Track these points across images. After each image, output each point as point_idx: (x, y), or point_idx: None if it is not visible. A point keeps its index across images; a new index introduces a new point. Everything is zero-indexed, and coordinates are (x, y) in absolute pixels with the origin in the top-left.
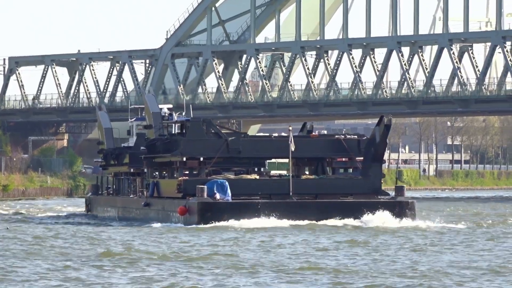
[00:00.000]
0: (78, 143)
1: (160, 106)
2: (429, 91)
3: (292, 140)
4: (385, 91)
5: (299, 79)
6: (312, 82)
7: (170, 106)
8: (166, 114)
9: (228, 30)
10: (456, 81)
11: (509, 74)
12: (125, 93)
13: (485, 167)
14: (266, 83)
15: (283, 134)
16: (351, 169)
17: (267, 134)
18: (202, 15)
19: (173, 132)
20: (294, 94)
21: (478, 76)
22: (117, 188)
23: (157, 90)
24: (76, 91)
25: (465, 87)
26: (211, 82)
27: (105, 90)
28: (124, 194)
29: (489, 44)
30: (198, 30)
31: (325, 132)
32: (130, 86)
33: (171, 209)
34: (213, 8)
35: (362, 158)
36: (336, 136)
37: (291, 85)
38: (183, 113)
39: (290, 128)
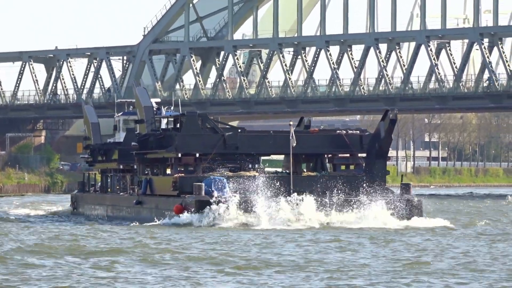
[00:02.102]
0: (55, 140)
1: None
2: (407, 88)
3: (293, 135)
4: (363, 88)
5: (276, 75)
6: (290, 78)
7: (158, 100)
8: (154, 109)
9: (206, 26)
10: (433, 78)
11: (486, 71)
12: (103, 89)
13: (462, 164)
14: (244, 80)
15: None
16: (352, 166)
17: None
18: (179, 12)
19: (162, 127)
20: (271, 90)
21: (456, 73)
22: (105, 186)
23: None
24: (53, 87)
25: (442, 84)
26: (189, 79)
27: (82, 87)
28: (113, 191)
29: (466, 41)
30: (175, 26)
31: None
32: (107, 82)
33: (165, 208)
34: (190, 5)
35: (364, 154)
36: (338, 131)
37: (268, 81)
38: (172, 108)
39: (291, 123)
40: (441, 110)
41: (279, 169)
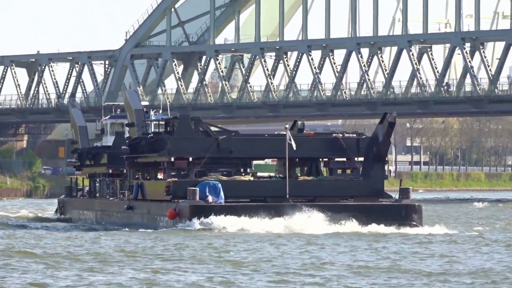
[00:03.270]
0: (37, 144)
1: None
2: (389, 92)
3: (292, 138)
4: (345, 93)
5: (258, 80)
6: (272, 83)
7: (147, 103)
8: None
9: (188, 31)
10: (415, 83)
11: (468, 75)
12: (85, 94)
13: (444, 169)
14: (226, 84)
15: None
16: (349, 170)
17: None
18: (161, 16)
19: (151, 131)
20: (253, 95)
21: (438, 77)
22: (93, 190)
23: (116, 91)
24: (35, 92)
25: (424, 88)
26: (171, 83)
27: (64, 91)
28: (102, 196)
29: (448, 45)
30: (157, 31)
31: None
32: (89, 87)
33: (158, 213)
34: (172, 9)
35: (361, 158)
36: (334, 134)
37: (250, 86)
38: (160, 111)
39: (287, 126)
40: (423, 114)
41: (272, 174)
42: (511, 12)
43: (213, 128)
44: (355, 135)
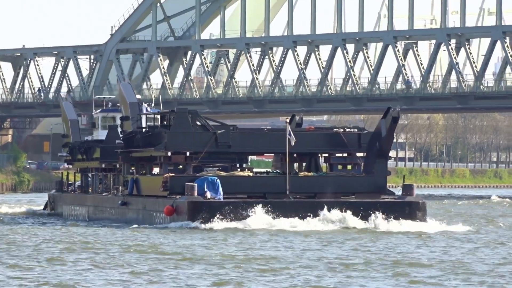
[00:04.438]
0: (22, 139)
1: None
2: (374, 88)
3: (292, 133)
4: (330, 88)
5: (244, 75)
6: (257, 78)
7: (139, 96)
8: None
9: (173, 26)
10: (400, 79)
11: (453, 71)
12: (70, 88)
13: (429, 165)
14: (211, 80)
15: None
16: (350, 166)
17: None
18: (147, 11)
19: (146, 125)
20: (239, 90)
21: (423, 73)
22: (85, 185)
23: (101, 85)
24: (20, 86)
25: (409, 84)
26: (156, 78)
27: (49, 86)
28: (94, 191)
29: (434, 41)
30: (143, 26)
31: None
32: (75, 81)
33: (154, 209)
34: (158, 4)
35: (362, 153)
36: (335, 129)
37: (236, 81)
38: (152, 105)
39: (287, 120)
40: (408, 110)
41: (269, 169)
42: (496, 9)
43: (210, 123)
44: (356, 130)
